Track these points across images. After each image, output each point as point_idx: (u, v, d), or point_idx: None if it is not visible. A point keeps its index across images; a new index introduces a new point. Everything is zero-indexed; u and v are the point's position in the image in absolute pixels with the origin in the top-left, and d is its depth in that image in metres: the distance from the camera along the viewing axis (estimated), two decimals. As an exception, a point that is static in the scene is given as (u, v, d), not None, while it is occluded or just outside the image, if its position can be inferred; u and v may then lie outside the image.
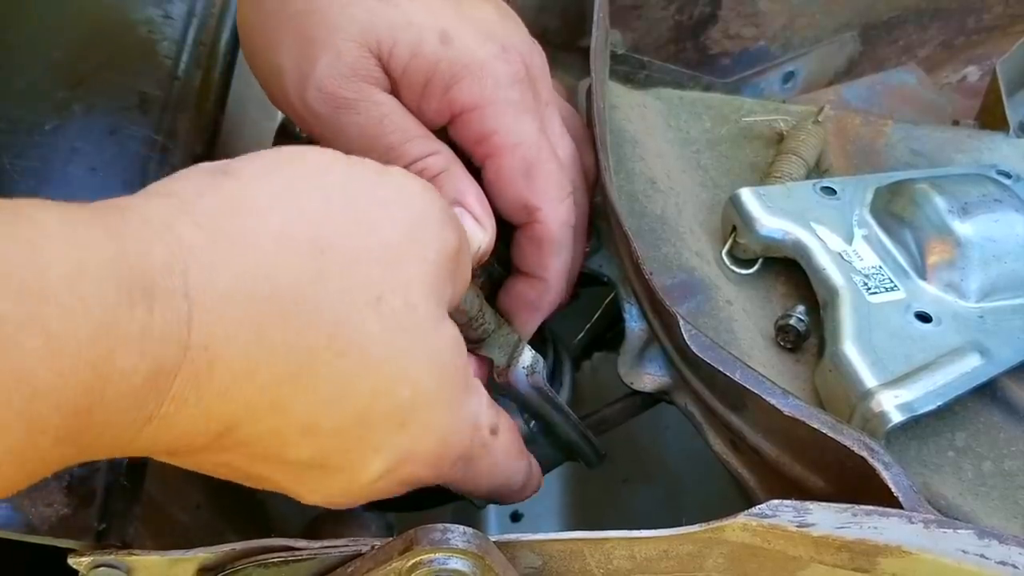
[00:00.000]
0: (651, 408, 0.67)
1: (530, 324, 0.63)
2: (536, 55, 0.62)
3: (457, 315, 0.56)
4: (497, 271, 0.62)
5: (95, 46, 0.65)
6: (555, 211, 0.60)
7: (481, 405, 0.52)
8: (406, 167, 0.56)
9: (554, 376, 0.67)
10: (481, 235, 0.57)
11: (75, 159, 0.59)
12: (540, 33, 0.63)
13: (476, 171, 0.60)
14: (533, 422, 0.63)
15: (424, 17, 0.57)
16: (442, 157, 0.58)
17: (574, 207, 0.62)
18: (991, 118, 0.78)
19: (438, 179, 0.57)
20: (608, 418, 0.67)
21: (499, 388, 0.61)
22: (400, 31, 0.56)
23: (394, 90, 0.58)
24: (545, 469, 0.66)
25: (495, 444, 0.53)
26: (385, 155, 0.57)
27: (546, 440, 0.64)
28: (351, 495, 0.49)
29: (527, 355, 0.59)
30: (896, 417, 0.54)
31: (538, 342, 0.66)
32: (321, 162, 0.46)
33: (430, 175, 0.57)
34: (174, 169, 0.61)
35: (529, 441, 0.63)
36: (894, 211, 0.66)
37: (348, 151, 0.48)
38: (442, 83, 0.57)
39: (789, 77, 0.97)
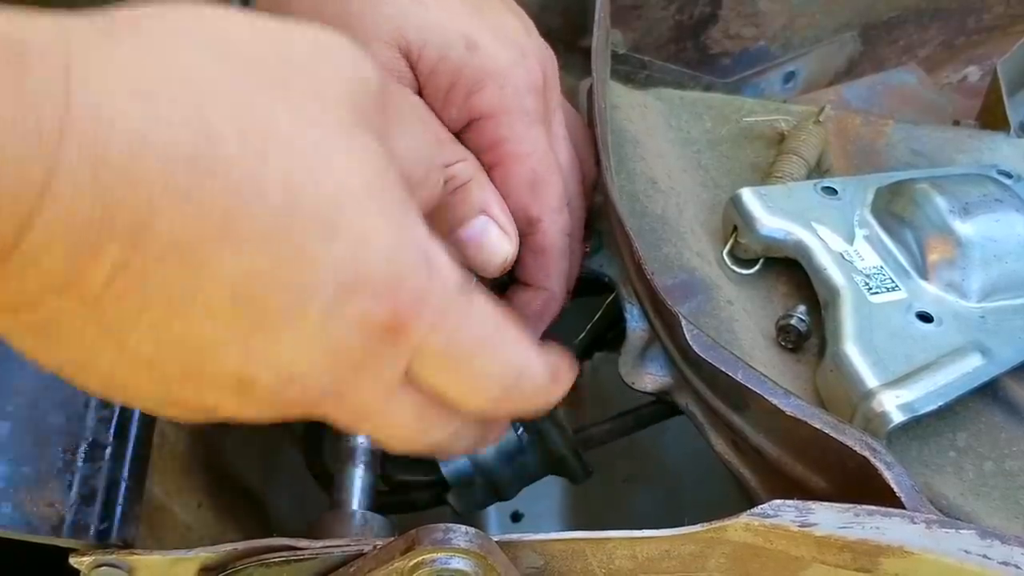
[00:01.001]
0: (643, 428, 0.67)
1: (534, 335, 0.63)
2: (550, 60, 0.62)
3: None
4: (501, 278, 0.62)
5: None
6: (555, 222, 0.61)
7: (431, 241, 0.43)
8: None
9: None
10: (508, 246, 0.57)
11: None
12: (543, 32, 0.64)
13: None
14: (522, 431, 0.63)
15: (450, 21, 0.57)
16: (470, 164, 0.58)
17: (570, 216, 0.62)
18: (992, 118, 0.78)
19: (466, 187, 0.57)
20: (594, 437, 0.67)
21: None
22: (429, 33, 0.56)
23: (419, 92, 0.58)
24: (528, 480, 0.66)
25: (471, 305, 0.43)
26: None
27: (534, 451, 0.64)
28: (306, 353, 0.40)
29: None
30: (897, 417, 0.54)
31: None
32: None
33: (458, 183, 0.57)
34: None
35: (518, 451, 0.63)
36: (895, 211, 0.66)
37: None
38: (465, 89, 0.57)
39: (789, 77, 0.97)
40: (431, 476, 0.65)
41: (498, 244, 0.57)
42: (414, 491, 0.68)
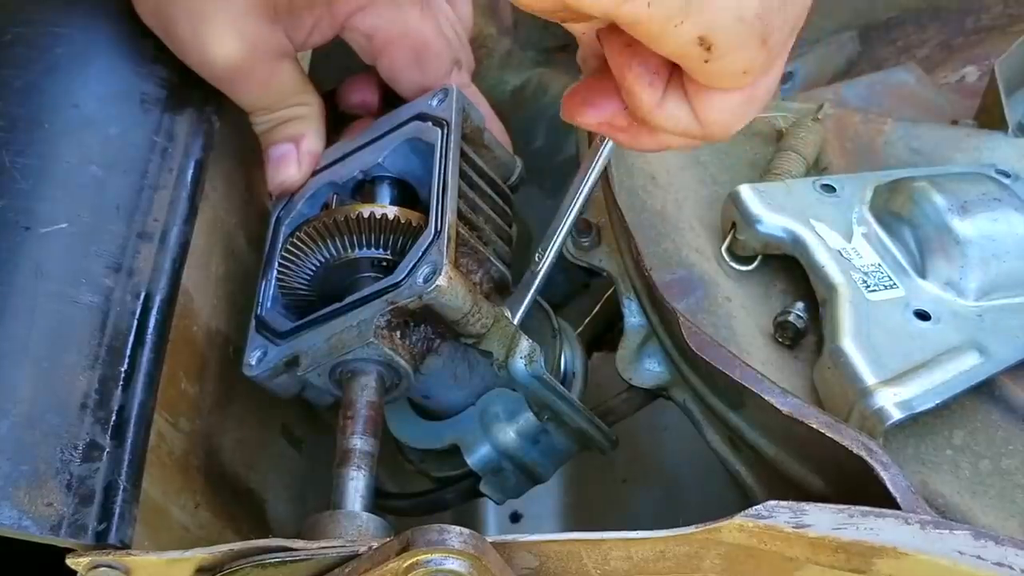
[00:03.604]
0: (651, 404, 0.67)
1: None
2: None
3: (451, 312, 0.56)
4: (497, 270, 0.62)
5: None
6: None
7: None
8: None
9: (567, 370, 0.67)
10: (293, 175, 0.67)
11: (76, 158, 0.59)
12: (538, 31, 0.64)
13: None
14: (546, 415, 0.63)
15: None
16: (307, 108, 0.67)
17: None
18: (990, 118, 0.78)
19: (293, 121, 0.67)
20: (614, 408, 0.67)
21: (502, 381, 0.61)
22: None
23: (286, 23, 0.64)
24: (560, 461, 0.67)
25: None
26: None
27: (558, 430, 0.64)
28: None
29: (524, 344, 0.59)
30: (895, 415, 0.54)
31: (548, 336, 0.66)
32: None
33: (292, 116, 0.66)
34: (173, 170, 0.62)
35: (539, 432, 0.64)
36: (893, 209, 0.66)
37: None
38: None
39: (788, 77, 0.97)
40: (464, 469, 0.65)
41: (284, 169, 0.67)
42: (450, 485, 0.68)
